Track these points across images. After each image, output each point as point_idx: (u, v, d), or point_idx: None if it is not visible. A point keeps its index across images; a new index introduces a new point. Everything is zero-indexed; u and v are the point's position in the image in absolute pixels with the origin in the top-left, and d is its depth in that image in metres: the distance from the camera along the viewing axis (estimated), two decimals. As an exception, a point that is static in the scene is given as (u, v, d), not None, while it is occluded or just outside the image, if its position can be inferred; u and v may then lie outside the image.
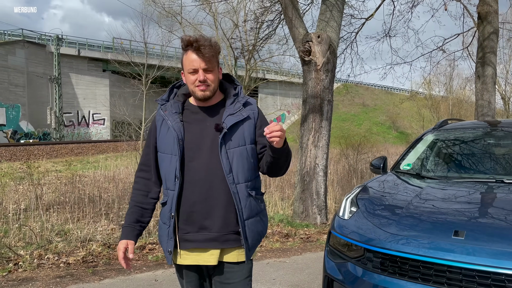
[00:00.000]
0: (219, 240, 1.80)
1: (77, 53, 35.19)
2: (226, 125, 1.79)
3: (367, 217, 2.42)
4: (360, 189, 2.92)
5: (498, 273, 1.81)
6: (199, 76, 1.77)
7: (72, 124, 35.88)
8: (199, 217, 1.80)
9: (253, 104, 1.92)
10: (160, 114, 1.89)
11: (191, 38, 1.77)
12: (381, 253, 2.14)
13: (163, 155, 1.86)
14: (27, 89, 32.15)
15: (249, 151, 1.83)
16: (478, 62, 8.85)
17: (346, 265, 2.31)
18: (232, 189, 1.79)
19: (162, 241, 1.90)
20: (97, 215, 6.62)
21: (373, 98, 50.34)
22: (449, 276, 1.91)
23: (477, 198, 2.51)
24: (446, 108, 40.72)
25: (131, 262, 1.84)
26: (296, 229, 6.03)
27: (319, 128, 6.67)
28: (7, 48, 30.89)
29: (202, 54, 1.74)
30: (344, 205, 2.71)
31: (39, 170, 13.18)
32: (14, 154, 19.82)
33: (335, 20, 6.89)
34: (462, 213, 2.24)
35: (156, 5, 22.59)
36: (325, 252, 2.58)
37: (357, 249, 2.28)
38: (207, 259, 1.82)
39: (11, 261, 4.40)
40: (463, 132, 3.65)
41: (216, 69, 1.83)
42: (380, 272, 2.12)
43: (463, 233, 2.00)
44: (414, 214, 2.32)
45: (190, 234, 1.82)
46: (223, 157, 1.77)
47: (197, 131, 1.83)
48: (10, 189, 9.18)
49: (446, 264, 1.92)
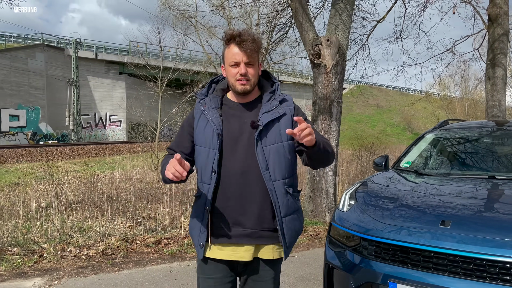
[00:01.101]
0: (253, 236, 1.79)
1: (94, 56, 35.96)
2: (262, 122, 1.79)
3: (364, 209, 2.62)
4: (360, 184, 3.13)
5: (480, 259, 1.99)
6: (241, 69, 1.77)
7: (90, 126, 36.66)
8: (234, 212, 1.79)
9: (290, 100, 1.90)
10: (199, 108, 1.89)
11: (234, 32, 1.77)
12: (375, 242, 2.34)
13: (200, 148, 1.85)
14: (47, 92, 33.00)
15: (286, 148, 1.81)
16: (488, 63, 8.91)
17: (344, 254, 2.52)
18: (269, 186, 1.77)
19: (193, 234, 1.88)
20: (115, 214, 6.88)
21: (387, 99, 50.10)
22: (436, 261, 2.10)
23: (467, 192, 2.69)
24: (462, 109, 40.30)
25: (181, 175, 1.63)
26: (306, 226, 6.22)
27: (329, 129, 6.85)
28: (27, 52, 31.77)
29: (244, 48, 1.74)
30: (344, 198, 2.92)
31: (59, 170, 13.64)
32: (35, 155, 20.42)
33: (345, 23, 7.07)
34: (450, 205, 2.43)
35: (172, 9, 22.99)
36: (326, 242, 2.79)
37: (354, 238, 2.49)
38: (242, 254, 1.80)
39: (36, 253, 4.70)
40: (462, 132, 3.82)
41: (257, 64, 1.83)
42: (374, 258, 2.32)
43: (449, 222, 2.19)
44: (407, 206, 2.51)
45: (225, 229, 1.80)
46: (259, 154, 1.77)
47: (235, 126, 1.82)
48: (31, 188, 9.57)
49: (432, 250, 2.11)
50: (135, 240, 5.31)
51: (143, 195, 8.71)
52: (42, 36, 34.87)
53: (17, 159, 18.78)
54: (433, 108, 42.17)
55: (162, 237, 5.43)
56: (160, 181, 10.47)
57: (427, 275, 2.09)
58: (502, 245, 1.99)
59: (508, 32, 8.90)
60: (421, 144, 3.83)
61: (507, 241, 2.01)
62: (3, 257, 4.45)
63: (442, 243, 2.09)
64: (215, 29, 22.11)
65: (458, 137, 3.77)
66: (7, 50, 30.78)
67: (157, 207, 7.40)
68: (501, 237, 2.03)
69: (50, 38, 35.67)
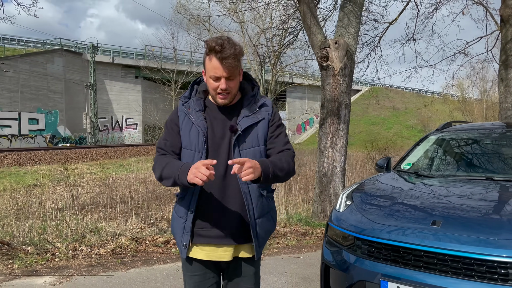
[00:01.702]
0: (233, 237, 1.83)
1: (111, 60, 36.62)
2: (241, 126, 1.81)
3: (359, 210, 2.67)
4: (357, 185, 3.17)
5: (467, 258, 2.03)
6: (221, 85, 1.76)
7: (107, 129, 37.31)
8: (215, 213, 1.82)
9: (269, 105, 1.93)
10: (183, 111, 1.90)
11: (216, 45, 1.71)
12: (368, 241, 2.38)
13: (185, 151, 1.86)
14: (65, 96, 33.73)
15: (262, 152, 1.85)
16: (501, 65, 8.80)
17: (340, 253, 2.57)
18: (243, 189, 1.80)
19: (176, 233, 1.91)
20: (128, 215, 7.02)
21: (403, 101, 49.57)
22: (426, 260, 2.14)
23: (462, 193, 2.70)
24: (480, 110, 39.64)
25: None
26: (314, 228, 6.26)
27: (337, 131, 6.88)
28: (47, 57, 32.55)
29: (225, 64, 1.71)
30: (340, 199, 2.97)
31: (75, 172, 13.95)
32: (53, 157, 20.87)
33: (353, 26, 7.09)
34: (443, 206, 2.46)
35: (185, 13, 23.29)
36: (323, 242, 2.84)
37: (349, 238, 2.53)
38: (221, 255, 1.85)
39: (49, 252, 4.85)
40: (464, 133, 3.82)
41: (238, 76, 1.82)
42: (367, 257, 2.37)
43: (439, 222, 2.22)
44: (401, 207, 2.55)
45: (205, 229, 1.84)
46: (236, 157, 1.78)
47: (218, 130, 1.85)
48: (48, 189, 9.82)
49: (422, 249, 2.14)
50: (144, 240, 5.43)
51: (156, 196, 8.85)
52: (61, 41, 35.69)
53: (36, 162, 19.24)
54: (450, 110, 41.58)
55: (171, 238, 5.54)
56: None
57: (417, 273, 2.13)
58: (491, 244, 2.02)
59: (521, 32, 8.78)
60: (423, 145, 3.85)
61: (496, 241, 2.03)
62: (17, 255, 4.62)
63: (432, 243, 2.13)
64: (229, 33, 22.29)
65: (459, 139, 3.78)
66: (27, 55, 31.60)
67: (169, 208, 7.52)
68: (490, 236, 2.06)
69: (68, 43, 36.48)
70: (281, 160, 1.81)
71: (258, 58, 21.90)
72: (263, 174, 1.67)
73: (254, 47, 20.86)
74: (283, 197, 7.75)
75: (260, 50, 20.85)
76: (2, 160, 18.71)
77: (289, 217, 6.89)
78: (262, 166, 1.68)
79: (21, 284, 3.87)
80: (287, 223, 6.54)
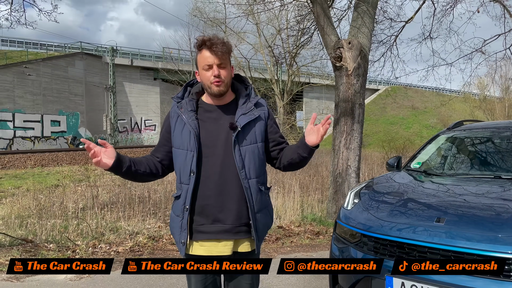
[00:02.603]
0: (232, 232, 1.90)
1: (130, 63, 37.22)
2: (240, 124, 1.90)
3: (366, 207, 2.72)
4: (366, 183, 3.22)
5: (470, 254, 2.06)
6: (214, 71, 1.86)
7: (126, 130, 37.92)
8: (213, 210, 1.90)
9: (264, 104, 2.03)
10: (176, 112, 1.98)
11: (204, 38, 1.88)
12: (374, 238, 2.44)
13: (178, 151, 1.94)
14: (85, 98, 34.45)
15: (260, 148, 1.95)
16: (520, 62, 8.67)
17: (348, 249, 2.63)
18: (245, 184, 1.89)
19: (174, 232, 1.98)
20: (146, 214, 7.17)
21: (423, 100, 48.87)
22: (430, 257, 2.18)
23: (469, 191, 2.73)
24: (502, 109, 38.82)
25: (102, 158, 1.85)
26: (328, 227, 6.30)
27: (351, 131, 6.90)
28: (68, 60, 33.32)
29: (215, 51, 1.84)
30: (349, 197, 3.03)
31: (96, 173, 14.25)
32: (74, 158, 21.38)
33: (367, 26, 7.11)
34: (449, 203, 2.49)
35: (201, 16, 23.53)
36: (332, 239, 2.90)
37: (356, 234, 2.59)
38: (221, 249, 1.91)
39: (70, 249, 5.04)
40: (475, 132, 3.82)
41: (229, 66, 1.92)
42: (374, 254, 2.43)
43: (444, 219, 2.26)
44: (407, 204, 2.60)
45: (205, 226, 1.91)
46: (236, 154, 1.88)
47: (212, 128, 1.93)
48: (70, 190, 10.10)
49: (426, 246, 2.19)
50: (161, 238, 5.57)
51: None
52: (81, 44, 36.50)
53: (58, 163, 19.73)
54: (471, 108, 40.83)
55: (187, 236, 5.67)
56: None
57: (421, 269, 2.17)
58: (494, 241, 2.05)
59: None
60: (433, 144, 3.87)
61: (500, 237, 2.07)
62: (40, 252, 4.81)
63: (436, 239, 2.17)
64: (244, 34, 22.43)
65: (470, 138, 3.78)
66: (49, 59, 32.42)
67: (186, 208, 7.63)
68: (493, 233, 2.09)
69: (88, 47, 37.27)
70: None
71: (274, 59, 21.98)
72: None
73: (270, 47, 20.95)
74: (299, 197, 7.79)
75: (276, 50, 20.92)
76: (25, 161, 19.26)
77: (303, 216, 6.94)
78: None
79: (43, 280, 4.04)
80: (301, 223, 6.59)
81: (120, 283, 4.01)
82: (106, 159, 1.85)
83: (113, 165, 1.86)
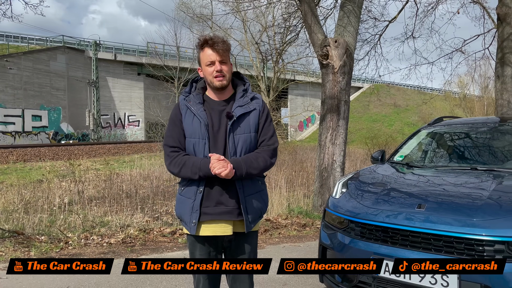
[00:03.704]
0: (233, 213, 2.10)
1: (113, 57, 36.83)
2: (236, 114, 2.11)
3: (353, 196, 2.92)
4: (353, 174, 3.43)
5: (448, 236, 2.27)
6: (216, 67, 2.07)
7: (109, 126, 37.55)
8: (216, 193, 2.09)
9: (259, 98, 2.23)
10: (185, 105, 2.17)
11: (206, 37, 2.10)
12: (360, 223, 2.63)
13: (190, 140, 2.13)
14: (67, 93, 33.99)
15: (252, 138, 2.15)
16: (498, 62, 9.02)
17: (336, 235, 2.82)
18: None
19: (184, 214, 2.14)
20: (133, 209, 7.24)
21: (405, 98, 49.72)
22: (411, 239, 2.38)
23: (446, 181, 2.95)
24: (481, 107, 39.80)
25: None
26: (314, 220, 6.51)
27: (337, 127, 7.12)
28: (49, 54, 32.81)
29: (217, 49, 2.06)
30: (337, 187, 3.23)
31: (80, 168, 14.18)
32: (57, 154, 21.17)
33: (352, 25, 7.32)
34: (429, 191, 2.70)
35: (188, 11, 23.50)
36: (321, 226, 3.09)
37: (344, 221, 2.79)
38: (224, 230, 2.10)
39: (62, 241, 5.12)
40: (453, 128, 4.07)
41: (229, 62, 2.13)
42: (360, 238, 2.62)
43: (424, 205, 2.47)
44: (390, 193, 2.80)
45: (209, 208, 2.09)
46: (230, 141, 2.09)
47: (216, 119, 2.13)
48: (54, 185, 10.05)
49: (408, 230, 2.39)
50: (152, 231, 5.68)
51: (161, 192, 9.09)
52: (63, 38, 35.92)
53: (40, 158, 19.51)
54: (451, 106, 41.74)
55: (177, 228, 5.80)
56: (177, 179, 10.87)
57: (404, 251, 2.38)
58: (469, 224, 2.26)
59: (517, 31, 8.98)
60: (415, 139, 4.10)
61: (474, 221, 2.28)
62: (33, 244, 4.88)
63: (417, 223, 2.38)
64: (231, 30, 22.50)
65: (449, 133, 4.03)
66: (30, 53, 31.86)
67: (173, 203, 7.74)
68: (468, 218, 2.30)
69: (70, 40, 36.70)
70: (257, 159, 2.12)
71: (260, 56, 22.11)
72: (236, 172, 2.03)
73: (257, 44, 21.08)
74: (285, 192, 7.98)
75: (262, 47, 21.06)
76: (7, 156, 18.99)
77: (290, 209, 7.14)
78: (234, 165, 2.02)
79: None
80: (288, 215, 6.79)
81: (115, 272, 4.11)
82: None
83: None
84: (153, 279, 3.86)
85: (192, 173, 2.08)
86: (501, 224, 2.22)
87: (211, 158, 2.02)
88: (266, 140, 2.19)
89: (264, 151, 2.16)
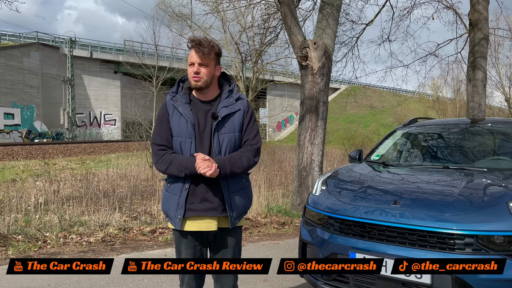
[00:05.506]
0: (218, 210, 2.16)
1: (89, 55, 36.16)
2: (221, 114, 2.17)
3: (332, 193, 3.03)
4: (332, 173, 3.54)
5: (421, 231, 2.40)
6: (194, 69, 2.14)
7: (84, 125, 36.84)
8: (201, 190, 2.16)
9: (244, 99, 2.29)
10: (171, 104, 2.23)
11: (194, 38, 2.16)
12: (339, 219, 2.74)
13: (177, 139, 2.19)
14: (41, 90, 33.17)
15: (237, 137, 2.22)
16: (469, 66, 9.37)
17: (316, 231, 2.92)
18: None
19: (170, 210, 2.20)
20: (111, 209, 7.17)
21: (380, 99, 50.66)
22: (387, 234, 2.51)
23: (420, 179, 3.10)
24: (454, 109, 40.94)
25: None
26: (292, 218, 6.63)
27: (315, 127, 7.26)
28: (23, 51, 31.94)
29: (198, 52, 2.12)
30: (317, 185, 3.33)
31: (55, 167, 13.90)
32: (30, 153, 20.67)
33: (331, 28, 7.48)
34: (403, 189, 2.84)
35: (167, 10, 23.35)
36: (301, 223, 3.19)
37: (323, 217, 2.89)
38: (208, 225, 2.17)
39: (40, 240, 5.06)
40: (427, 128, 4.25)
41: (212, 66, 2.18)
42: (339, 234, 2.73)
43: (399, 202, 2.60)
44: (367, 190, 2.92)
45: (195, 204, 2.16)
46: (215, 141, 2.15)
47: (202, 119, 2.19)
48: (29, 184, 9.84)
49: (384, 225, 2.51)
50: (131, 230, 5.68)
51: (139, 191, 9.03)
52: (37, 34, 35.02)
53: (13, 157, 19.02)
54: (425, 108, 42.77)
55: (157, 227, 5.81)
56: (155, 178, 10.82)
57: (380, 245, 2.50)
58: (441, 219, 2.40)
59: (488, 36, 9.36)
60: (391, 139, 4.26)
61: (446, 216, 2.42)
62: (10, 243, 4.82)
63: (392, 219, 2.50)
64: (210, 30, 22.48)
65: (423, 133, 4.22)
66: (2, 49, 30.93)
67: (151, 203, 7.72)
68: (441, 213, 2.44)
69: (45, 37, 35.81)
70: (241, 159, 2.18)
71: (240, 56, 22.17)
72: (221, 172, 2.10)
73: (236, 44, 21.12)
74: (264, 191, 8.07)
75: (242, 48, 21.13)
76: (-22, 155, 18.44)
77: (269, 208, 7.24)
78: (219, 164, 2.09)
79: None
80: (267, 214, 6.88)
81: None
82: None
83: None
84: (135, 276, 3.88)
85: (178, 171, 2.14)
86: (471, 219, 2.37)
87: (197, 158, 2.08)
88: (250, 139, 2.26)
89: (248, 150, 2.23)
